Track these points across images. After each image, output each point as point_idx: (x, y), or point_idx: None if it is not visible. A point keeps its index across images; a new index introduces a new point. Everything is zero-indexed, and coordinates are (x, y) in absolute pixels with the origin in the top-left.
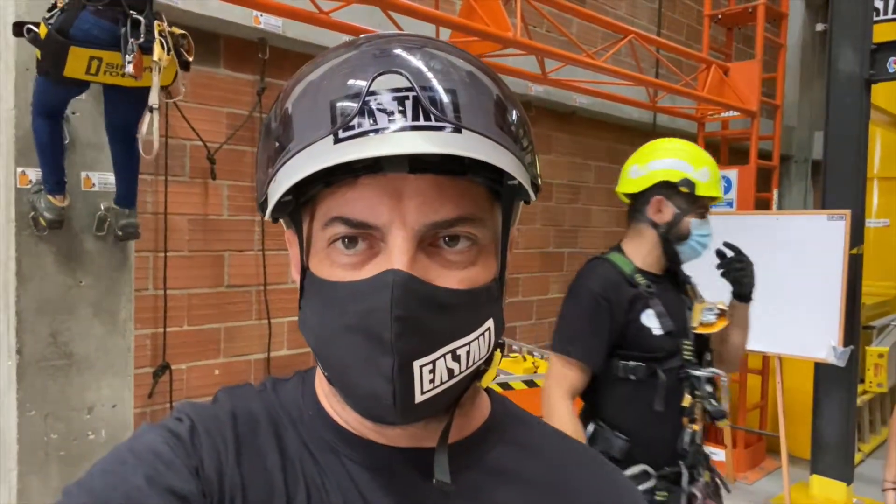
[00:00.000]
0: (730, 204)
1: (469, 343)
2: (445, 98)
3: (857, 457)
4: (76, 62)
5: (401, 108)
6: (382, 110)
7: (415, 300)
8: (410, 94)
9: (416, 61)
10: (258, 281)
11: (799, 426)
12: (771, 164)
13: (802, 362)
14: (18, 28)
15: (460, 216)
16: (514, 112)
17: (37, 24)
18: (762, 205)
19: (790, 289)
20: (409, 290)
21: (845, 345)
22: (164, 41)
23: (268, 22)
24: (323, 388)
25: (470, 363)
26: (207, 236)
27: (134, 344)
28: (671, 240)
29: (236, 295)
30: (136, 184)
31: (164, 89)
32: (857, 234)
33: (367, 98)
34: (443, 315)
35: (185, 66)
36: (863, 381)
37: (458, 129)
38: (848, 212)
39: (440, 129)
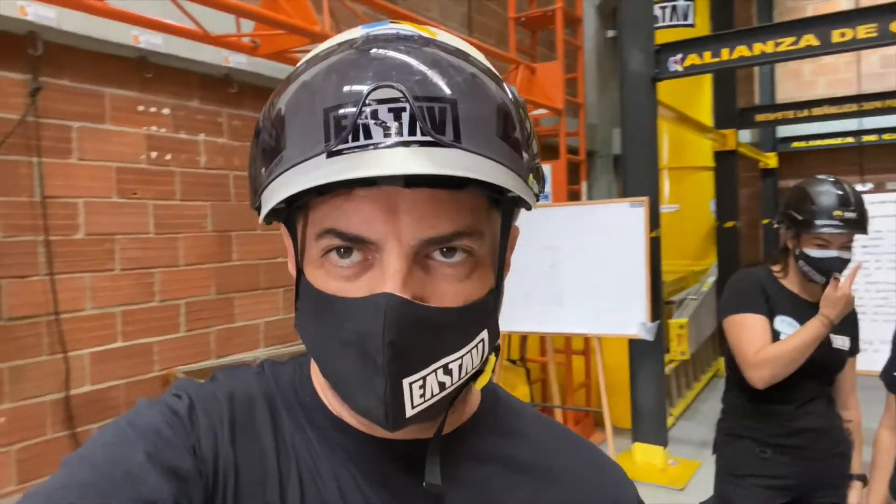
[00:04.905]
0: (546, 196)
1: (461, 357)
2: (442, 112)
3: (669, 421)
4: None
5: (396, 122)
6: (378, 124)
7: (407, 324)
8: (407, 107)
9: (416, 69)
10: (48, 310)
11: (620, 399)
12: (578, 159)
13: (619, 340)
14: None
15: (456, 231)
16: (517, 119)
17: None
18: (574, 196)
19: (602, 273)
20: (402, 314)
21: (653, 320)
22: None
23: (38, 13)
24: (318, 379)
25: (462, 374)
26: None
27: None
28: None
29: (20, 328)
30: None
31: None
32: (654, 219)
33: (361, 110)
34: (435, 334)
35: None
36: (668, 351)
37: (454, 147)
38: (646, 199)
39: (436, 145)
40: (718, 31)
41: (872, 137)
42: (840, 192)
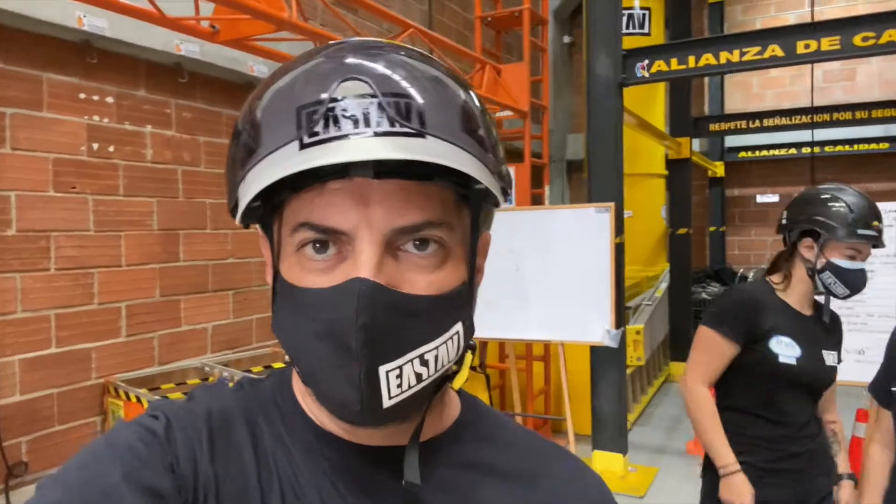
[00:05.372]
0: (510, 200)
1: (437, 347)
2: (409, 104)
3: None
4: None
5: (365, 114)
6: (347, 116)
7: (380, 308)
8: (374, 101)
9: (382, 68)
10: None
11: (578, 406)
12: (541, 162)
13: (578, 346)
14: None
15: (427, 220)
16: (481, 118)
17: None
18: (536, 201)
19: (567, 279)
20: (375, 298)
21: (617, 327)
22: None
23: None
24: (299, 388)
25: (438, 367)
26: None
27: None
28: None
29: None
30: None
31: None
32: (619, 225)
33: (331, 104)
34: (409, 321)
35: None
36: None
37: (421, 135)
38: (612, 204)
39: (403, 134)
40: (672, 41)
41: (815, 149)
42: (869, 203)
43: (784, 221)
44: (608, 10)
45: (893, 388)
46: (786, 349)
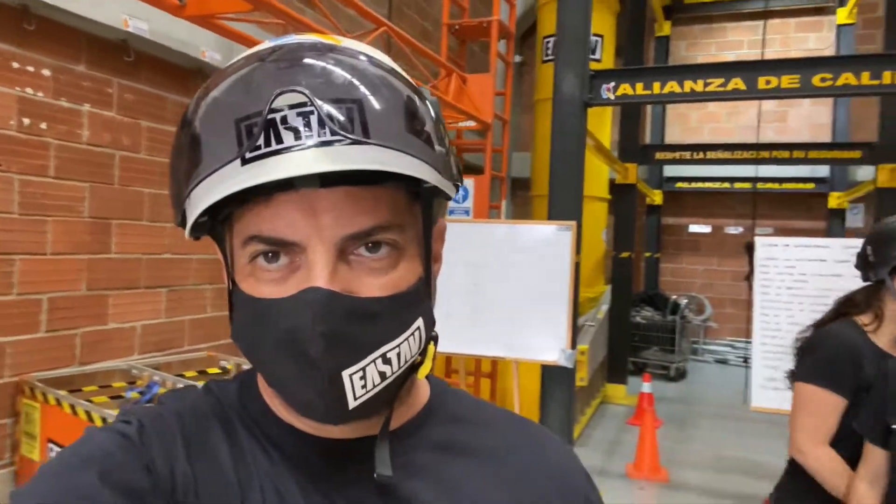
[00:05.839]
0: (466, 212)
1: (399, 345)
2: (349, 111)
3: None
4: None
5: (305, 125)
6: (287, 128)
7: (337, 315)
8: (314, 109)
9: (320, 74)
10: None
11: None
12: (500, 175)
13: (526, 365)
14: None
15: (376, 225)
16: (426, 113)
17: None
18: (493, 215)
19: (524, 295)
20: (331, 307)
21: (572, 347)
22: None
23: None
24: (266, 389)
25: (402, 363)
26: None
27: None
28: None
29: None
30: None
31: None
32: (577, 244)
33: (270, 117)
34: (368, 324)
35: None
36: None
37: (363, 142)
38: (573, 223)
39: (345, 143)
40: (626, 67)
41: (747, 185)
42: None
43: (872, 258)
44: (578, 28)
45: (894, 426)
46: None
